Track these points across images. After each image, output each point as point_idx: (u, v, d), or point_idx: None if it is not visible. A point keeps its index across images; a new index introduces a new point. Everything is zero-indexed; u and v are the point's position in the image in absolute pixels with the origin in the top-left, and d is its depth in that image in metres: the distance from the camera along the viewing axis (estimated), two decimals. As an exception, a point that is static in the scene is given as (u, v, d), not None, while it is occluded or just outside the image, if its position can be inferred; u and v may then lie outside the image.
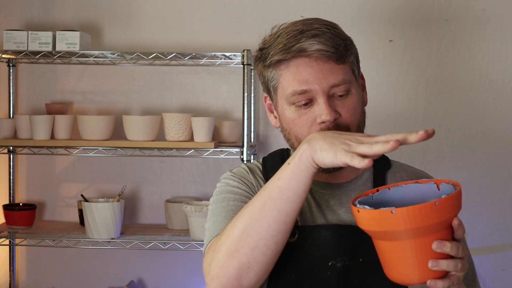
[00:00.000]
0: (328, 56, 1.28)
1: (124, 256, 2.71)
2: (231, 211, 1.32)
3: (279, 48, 1.30)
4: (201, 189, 2.70)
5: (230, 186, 1.38)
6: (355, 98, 1.33)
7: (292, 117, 1.33)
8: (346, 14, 2.61)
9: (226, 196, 1.36)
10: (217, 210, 1.34)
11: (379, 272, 1.22)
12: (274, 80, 1.34)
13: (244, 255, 1.18)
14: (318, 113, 1.29)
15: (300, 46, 1.28)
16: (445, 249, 1.10)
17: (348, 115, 1.31)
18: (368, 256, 1.28)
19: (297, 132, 1.33)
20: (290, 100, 1.31)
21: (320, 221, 1.34)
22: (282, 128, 1.38)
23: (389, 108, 2.63)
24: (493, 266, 2.63)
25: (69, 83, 2.72)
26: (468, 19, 2.60)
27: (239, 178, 1.39)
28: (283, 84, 1.32)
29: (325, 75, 1.28)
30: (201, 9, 2.67)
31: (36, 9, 2.70)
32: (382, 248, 1.14)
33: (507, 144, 2.61)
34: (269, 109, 1.43)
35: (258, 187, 1.38)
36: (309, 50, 1.28)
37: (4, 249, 2.71)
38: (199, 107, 2.69)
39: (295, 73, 1.30)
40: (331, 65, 1.29)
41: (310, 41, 1.28)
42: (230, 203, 1.34)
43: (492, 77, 2.61)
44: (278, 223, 1.18)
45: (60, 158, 2.73)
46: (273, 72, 1.33)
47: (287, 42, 1.29)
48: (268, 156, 1.46)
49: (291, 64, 1.30)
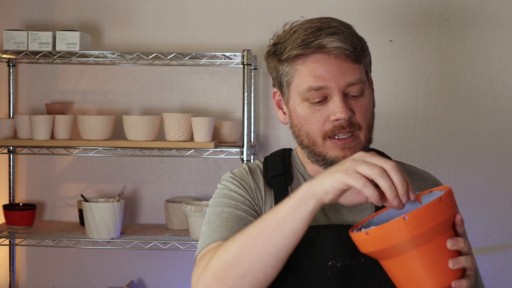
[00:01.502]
0: (346, 55, 1.28)
1: (124, 256, 2.71)
2: (224, 219, 1.31)
3: (298, 43, 1.29)
4: (201, 189, 2.70)
5: (228, 190, 1.38)
6: (367, 99, 1.33)
7: (305, 113, 1.32)
8: (346, 14, 2.60)
9: (222, 201, 1.36)
10: (213, 215, 1.34)
11: (380, 272, 1.21)
12: (289, 75, 1.33)
13: (232, 281, 1.16)
14: (332, 110, 1.29)
15: (319, 42, 1.28)
16: (459, 244, 1.07)
17: (361, 114, 1.31)
18: (369, 256, 1.28)
19: (309, 129, 1.32)
20: (304, 96, 1.31)
21: (322, 221, 1.34)
22: (292, 124, 1.37)
23: (389, 108, 2.63)
24: (493, 266, 2.63)
25: (69, 83, 2.72)
26: (468, 19, 2.60)
27: (239, 180, 1.39)
28: (298, 79, 1.32)
29: (343, 73, 1.29)
30: (201, 9, 2.67)
31: (36, 9, 2.70)
32: (391, 267, 1.10)
33: (507, 144, 2.61)
34: (277, 105, 1.42)
35: (256, 190, 1.38)
36: (329, 47, 1.28)
37: (4, 249, 2.71)
38: (199, 107, 2.69)
39: (312, 69, 1.29)
40: (349, 64, 1.29)
41: (329, 38, 1.28)
42: (225, 209, 1.33)
43: (492, 77, 2.61)
44: (269, 256, 1.14)
45: (60, 158, 2.73)
46: (288, 67, 1.33)
47: (305, 37, 1.29)
48: (270, 156, 1.45)
49: (309, 59, 1.30)
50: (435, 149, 2.63)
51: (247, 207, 1.35)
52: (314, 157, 1.35)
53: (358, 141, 1.32)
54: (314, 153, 1.34)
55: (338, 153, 1.31)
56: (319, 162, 1.34)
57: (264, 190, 1.38)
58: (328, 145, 1.31)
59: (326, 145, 1.32)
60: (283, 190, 1.37)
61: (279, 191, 1.37)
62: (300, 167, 1.42)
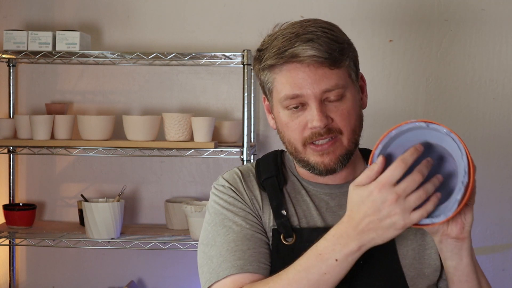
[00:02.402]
0: (320, 62, 1.27)
1: (124, 256, 2.71)
2: (232, 241, 1.30)
3: (273, 52, 1.29)
4: (201, 189, 2.70)
5: (227, 203, 1.35)
6: (349, 103, 1.31)
7: (286, 120, 1.32)
8: (346, 14, 2.61)
9: (224, 218, 1.34)
10: (218, 237, 1.32)
11: (380, 275, 1.21)
12: (269, 83, 1.34)
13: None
14: (309, 118, 1.29)
15: (293, 51, 1.27)
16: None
17: (340, 119, 1.30)
18: (369, 258, 1.27)
19: (290, 136, 1.33)
20: (283, 103, 1.31)
21: (320, 223, 1.34)
22: (278, 130, 1.38)
23: (389, 108, 2.63)
24: (493, 266, 2.63)
25: (69, 83, 2.72)
26: (468, 19, 2.60)
27: (234, 191, 1.37)
28: (277, 87, 1.32)
29: (318, 81, 1.27)
30: (201, 9, 2.67)
31: (36, 9, 2.70)
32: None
33: (507, 144, 2.61)
34: (267, 110, 1.42)
35: (252, 199, 1.36)
36: (302, 56, 1.27)
37: (4, 249, 2.71)
38: (199, 107, 2.69)
39: (288, 77, 1.29)
40: (324, 70, 1.28)
41: (303, 46, 1.27)
42: (230, 229, 1.31)
43: (492, 77, 2.61)
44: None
45: (60, 158, 2.73)
46: (268, 75, 1.33)
47: (281, 45, 1.28)
48: (261, 158, 1.44)
49: (284, 68, 1.29)
50: (435, 149, 2.63)
51: (250, 221, 1.33)
52: (299, 162, 1.35)
53: (339, 145, 1.31)
54: (298, 159, 1.34)
55: (318, 158, 1.31)
56: (305, 167, 1.34)
57: (260, 196, 1.37)
58: (309, 151, 1.32)
59: (307, 151, 1.32)
60: (277, 192, 1.36)
61: (273, 193, 1.36)
62: (294, 170, 1.41)
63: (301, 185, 1.39)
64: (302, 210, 1.36)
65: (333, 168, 1.31)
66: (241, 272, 1.26)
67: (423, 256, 1.35)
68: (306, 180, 1.39)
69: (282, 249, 1.30)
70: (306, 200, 1.37)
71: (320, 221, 1.34)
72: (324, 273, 1.16)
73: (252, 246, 1.29)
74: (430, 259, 1.35)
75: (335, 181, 1.38)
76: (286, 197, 1.37)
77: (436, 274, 1.35)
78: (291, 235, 1.31)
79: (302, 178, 1.40)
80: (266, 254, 1.30)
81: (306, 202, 1.37)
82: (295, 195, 1.38)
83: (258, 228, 1.33)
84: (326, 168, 1.31)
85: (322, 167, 1.31)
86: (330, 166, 1.31)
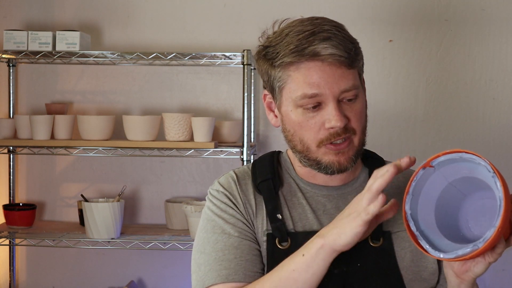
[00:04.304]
0: (341, 62, 1.25)
1: (124, 256, 2.71)
2: (220, 251, 1.30)
3: (291, 49, 1.26)
4: (201, 189, 2.70)
5: (219, 210, 1.35)
6: (362, 103, 1.32)
7: (299, 120, 1.30)
8: (346, 14, 2.61)
9: (214, 226, 1.34)
10: (207, 245, 1.32)
11: (377, 277, 1.21)
12: (281, 80, 1.30)
13: None
14: (327, 118, 1.27)
15: (313, 49, 1.24)
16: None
17: (355, 119, 1.29)
18: (366, 261, 1.27)
19: (303, 135, 1.30)
20: (298, 103, 1.28)
21: (316, 227, 1.33)
22: (285, 129, 1.35)
23: (389, 108, 2.63)
24: (493, 266, 2.62)
25: (69, 83, 2.72)
26: (468, 19, 2.60)
27: (229, 197, 1.36)
28: (292, 86, 1.29)
29: (337, 80, 1.26)
30: (201, 9, 2.67)
31: (36, 9, 2.70)
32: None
33: (507, 144, 2.61)
34: (268, 107, 1.39)
35: (246, 204, 1.35)
36: (323, 54, 1.24)
37: (4, 249, 2.71)
38: (199, 107, 2.69)
39: (306, 76, 1.26)
40: (343, 70, 1.26)
41: (323, 44, 1.24)
42: (219, 238, 1.32)
43: (492, 77, 2.61)
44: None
45: (60, 158, 2.73)
46: (280, 72, 1.30)
47: (298, 43, 1.25)
48: (258, 160, 1.43)
49: (302, 66, 1.26)
50: (434, 149, 2.63)
51: (240, 228, 1.32)
52: (308, 162, 1.33)
53: (352, 146, 1.31)
54: (307, 158, 1.32)
55: (333, 158, 1.29)
56: (313, 166, 1.33)
57: (254, 200, 1.35)
58: (323, 151, 1.30)
59: (320, 151, 1.30)
60: (273, 195, 1.35)
61: (268, 196, 1.35)
62: (292, 172, 1.40)
63: (298, 187, 1.38)
64: (297, 213, 1.34)
65: (347, 167, 1.31)
66: (226, 282, 1.27)
67: (421, 259, 1.34)
68: (305, 181, 1.38)
69: (277, 254, 1.29)
70: (302, 203, 1.35)
71: (317, 224, 1.33)
72: (293, 270, 1.19)
73: (239, 255, 1.29)
74: (428, 262, 1.34)
75: (334, 182, 1.37)
76: (281, 201, 1.35)
77: (434, 278, 1.35)
78: (286, 239, 1.30)
79: (300, 179, 1.38)
80: (255, 261, 1.30)
81: (302, 205, 1.35)
82: (291, 198, 1.36)
83: (247, 235, 1.32)
84: (340, 168, 1.30)
85: (337, 166, 1.30)
86: (344, 166, 1.30)
